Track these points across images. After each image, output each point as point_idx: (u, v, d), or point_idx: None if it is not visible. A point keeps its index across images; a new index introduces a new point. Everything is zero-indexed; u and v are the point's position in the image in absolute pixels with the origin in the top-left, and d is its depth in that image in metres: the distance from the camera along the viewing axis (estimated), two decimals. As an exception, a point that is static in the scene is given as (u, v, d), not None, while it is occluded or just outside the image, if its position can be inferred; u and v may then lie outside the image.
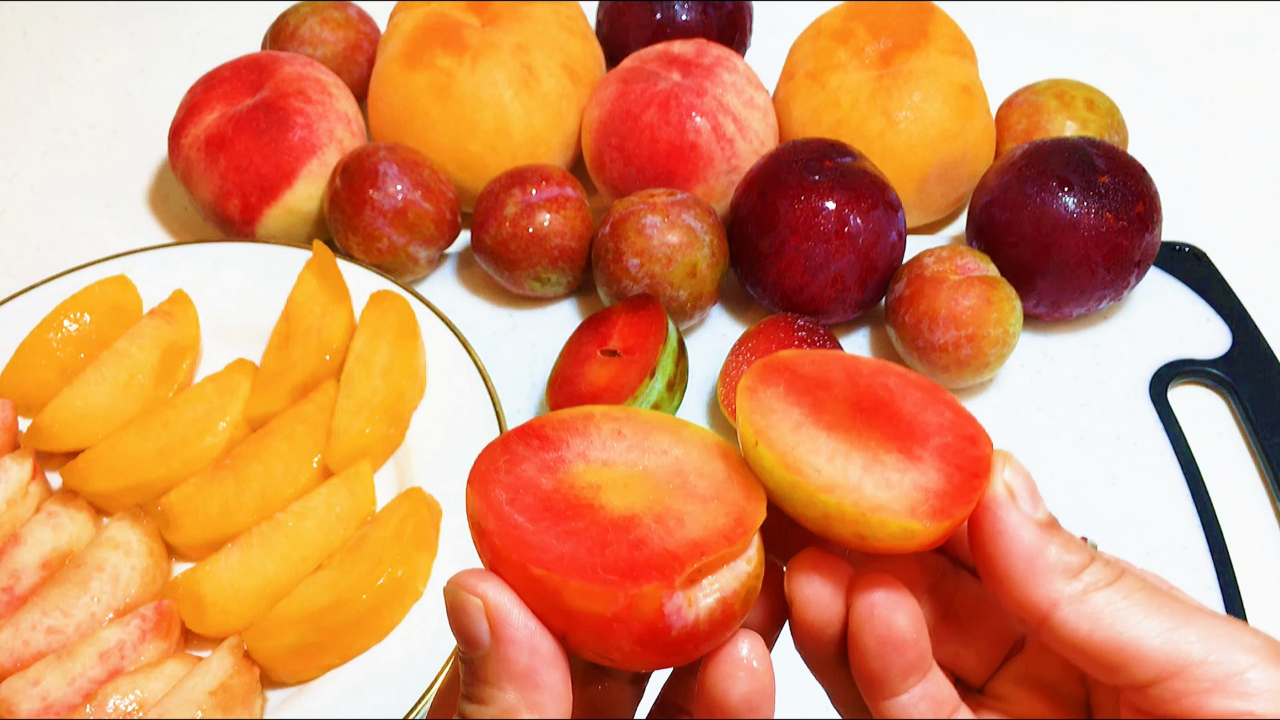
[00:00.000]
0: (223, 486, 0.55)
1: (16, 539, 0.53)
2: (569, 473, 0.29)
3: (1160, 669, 0.26)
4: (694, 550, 0.26)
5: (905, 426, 0.29)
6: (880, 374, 0.31)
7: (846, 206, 0.60)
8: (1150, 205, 0.61)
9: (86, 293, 0.62)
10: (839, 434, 0.29)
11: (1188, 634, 0.26)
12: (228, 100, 0.67)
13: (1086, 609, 0.27)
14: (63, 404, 0.57)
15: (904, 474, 0.28)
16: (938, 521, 0.27)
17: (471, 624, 0.26)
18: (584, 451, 0.29)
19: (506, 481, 0.28)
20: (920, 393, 0.31)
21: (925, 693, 0.29)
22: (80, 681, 0.48)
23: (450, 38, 0.67)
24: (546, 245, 0.63)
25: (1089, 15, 0.90)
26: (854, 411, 0.30)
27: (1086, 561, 0.28)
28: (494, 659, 0.26)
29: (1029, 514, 0.28)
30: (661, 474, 0.29)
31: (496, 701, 0.26)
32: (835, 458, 0.28)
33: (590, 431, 0.30)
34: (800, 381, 0.30)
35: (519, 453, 0.29)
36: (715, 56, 0.67)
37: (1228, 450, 0.61)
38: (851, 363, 0.31)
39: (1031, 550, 0.27)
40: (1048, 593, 0.27)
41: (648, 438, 0.30)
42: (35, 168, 0.78)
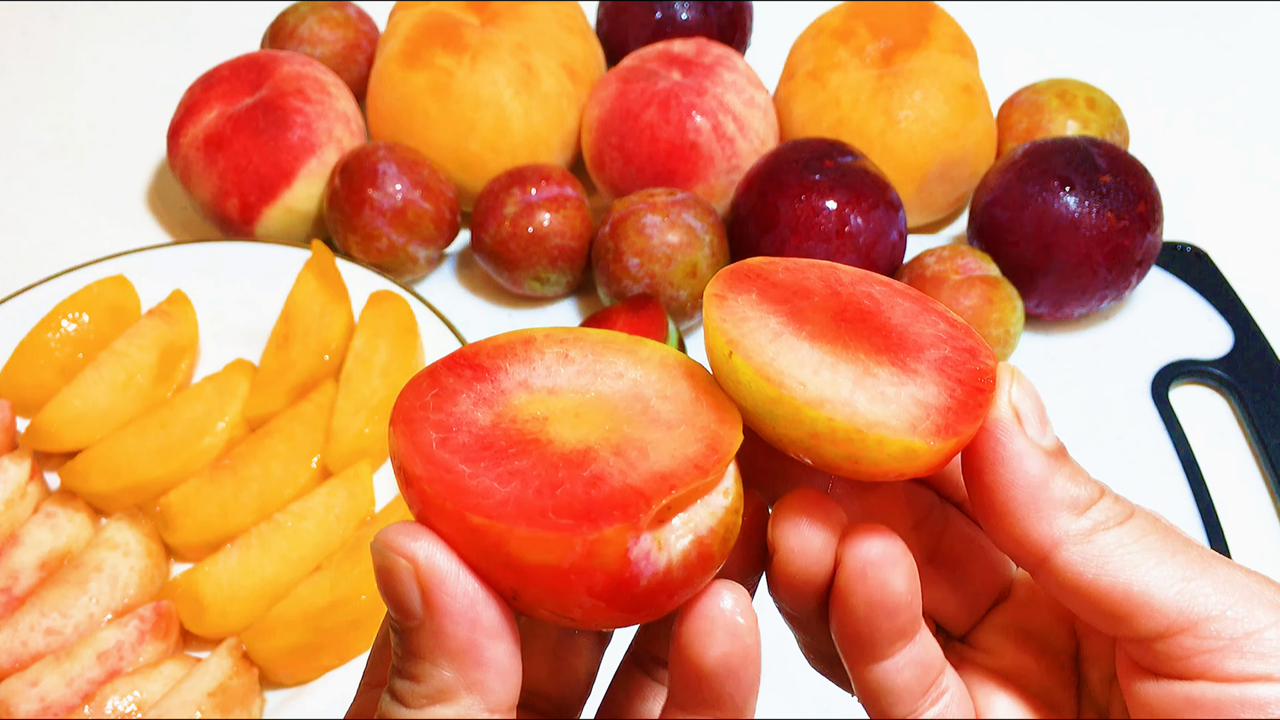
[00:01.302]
0: (221, 487, 0.54)
1: (15, 539, 0.52)
2: (509, 405, 0.24)
3: (1170, 622, 0.23)
4: (661, 483, 0.22)
5: (897, 338, 0.25)
6: (863, 282, 0.27)
7: (847, 206, 0.60)
8: (1152, 205, 0.61)
9: (85, 292, 0.62)
10: (823, 344, 0.25)
11: (1203, 585, 0.23)
12: (227, 99, 0.67)
13: (1092, 550, 0.24)
14: (61, 404, 0.57)
15: (900, 388, 0.24)
16: (943, 439, 0.23)
17: (402, 590, 0.22)
18: (525, 380, 0.25)
19: (436, 419, 0.23)
20: (910, 302, 0.27)
21: (911, 658, 0.26)
22: (79, 682, 0.48)
23: (450, 37, 0.67)
24: (546, 245, 0.63)
25: (1090, 15, 0.90)
26: (837, 321, 0.25)
27: (1095, 496, 0.25)
28: (428, 632, 0.22)
29: (1035, 440, 0.24)
30: (618, 400, 0.24)
31: (430, 680, 0.22)
32: (821, 370, 0.24)
33: (531, 356, 0.25)
34: (775, 289, 0.26)
35: (449, 385, 0.24)
36: (715, 56, 0.67)
37: (1229, 450, 0.61)
38: (829, 270, 0.27)
39: (1035, 481, 0.24)
40: (1050, 530, 0.24)
41: (599, 360, 0.25)
42: (34, 167, 0.78)
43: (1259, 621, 0.23)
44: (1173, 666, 0.24)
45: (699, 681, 0.23)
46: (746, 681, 0.23)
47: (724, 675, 0.23)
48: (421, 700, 0.22)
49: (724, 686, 0.23)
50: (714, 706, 0.23)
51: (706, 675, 0.23)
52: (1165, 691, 0.24)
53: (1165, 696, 0.24)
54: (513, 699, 0.23)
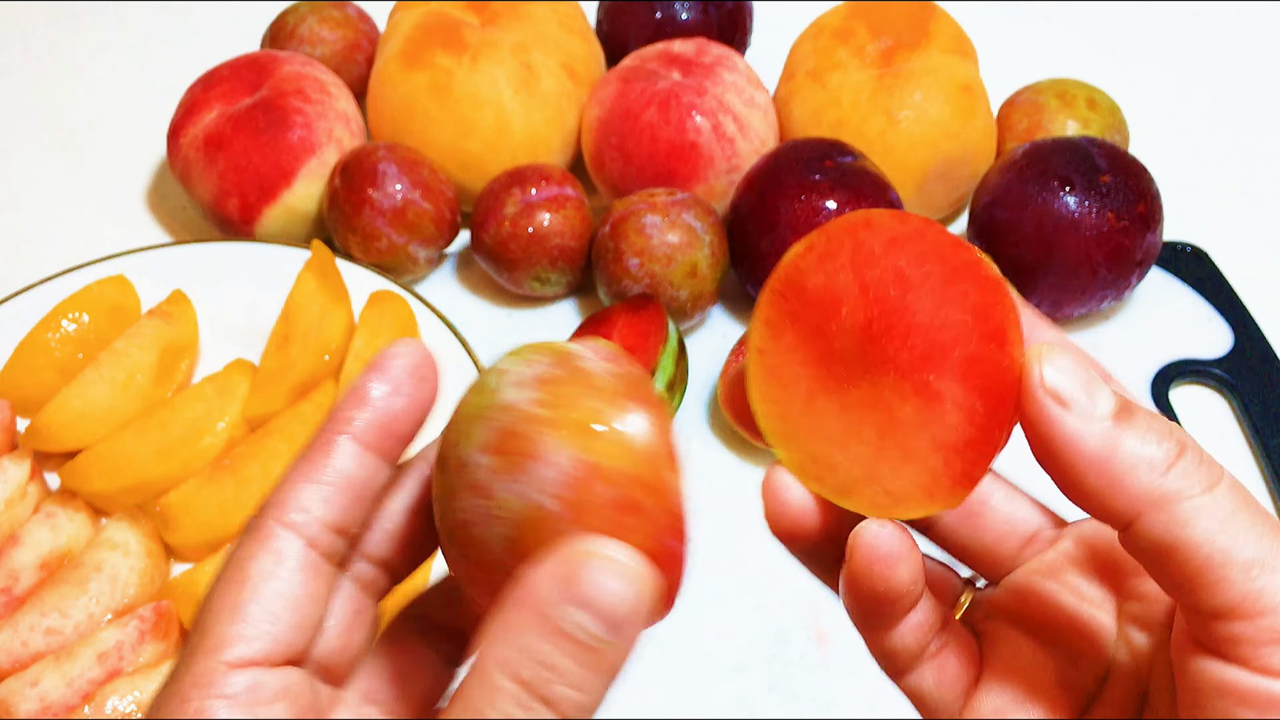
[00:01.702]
0: (222, 487, 0.54)
1: (15, 539, 0.52)
2: None
3: (1234, 604, 0.23)
4: None
5: (924, 343, 0.26)
6: (893, 248, 0.26)
7: (847, 206, 0.60)
8: (1152, 205, 0.61)
9: (85, 292, 0.62)
10: (852, 393, 0.26)
11: (1276, 578, 0.23)
12: (226, 99, 0.67)
13: (1178, 518, 0.23)
14: (61, 404, 0.57)
15: (923, 431, 0.25)
16: (965, 485, 0.25)
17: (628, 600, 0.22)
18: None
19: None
20: (940, 266, 0.26)
21: (913, 623, 0.28)
22: (79, 682, 0.48)
23: (450, 37, 0.67)
24: (546, 245, 0.63)
25: (1090, 14, 0.90)
26: (867, 344, 0.26)
27: (1173, 455, 0.24)
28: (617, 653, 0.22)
29: (1086, 413, 0.24)
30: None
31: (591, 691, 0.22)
32: (849, 443, 0.26)
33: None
34: (808, 311, 0.27)
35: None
36: (715, 56, 0.67)
37: (1229, 450, 0.61)
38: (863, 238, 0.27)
39: (1100, 456, 0.23)
40: (1130, 500, 0.23)
41: None
42: (33, 167, 0.78)
43: None
44: (1220, 646, 0.23)
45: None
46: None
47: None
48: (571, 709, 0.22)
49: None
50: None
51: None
52: (1203, 668, 0.24)
53: (1202, 672, 0.24)
54: None
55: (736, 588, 0.54)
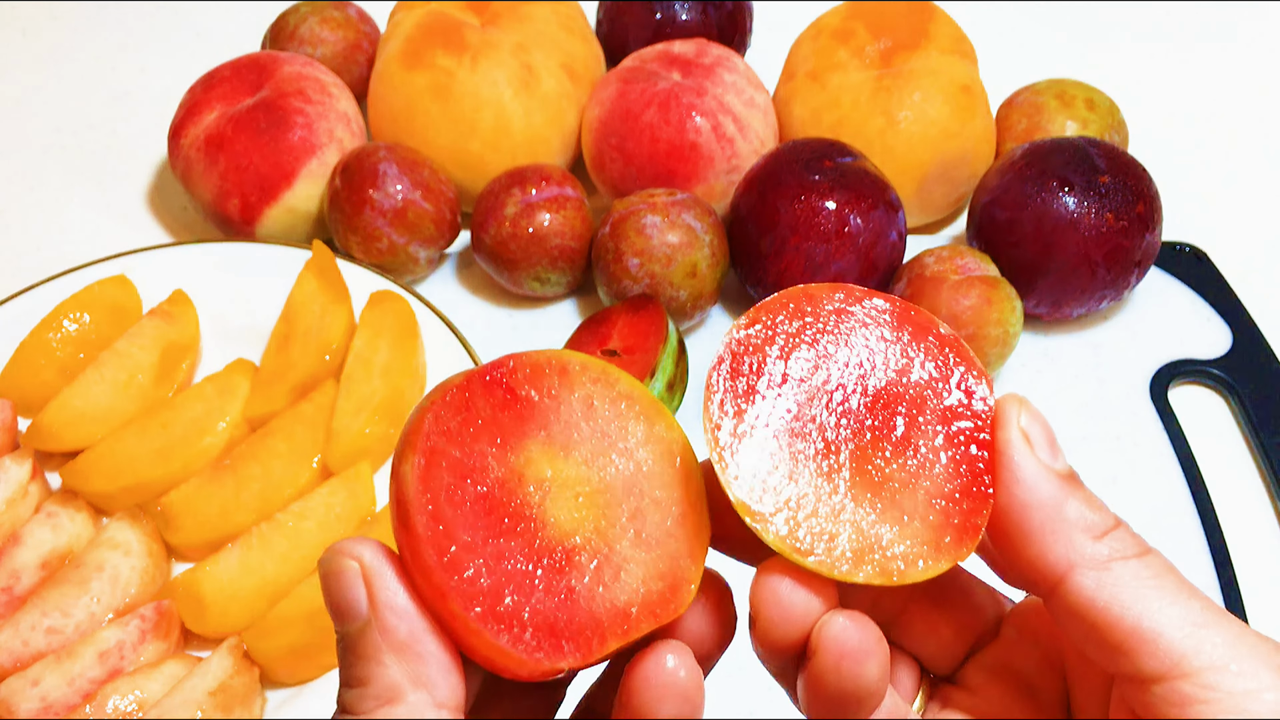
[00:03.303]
0: (222, 487, 0.54)
1: (16, 539, 0.52)
2: (523, 456, 0.25)
3: (1173, 665, 0.23)
4: (619, 624, 0.24)
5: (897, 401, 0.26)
6: (845, 316, 0.27)
7: (847, 206, 0.60)
8: (1151, 205, 0.61)
9: (86, 293, 0.62)
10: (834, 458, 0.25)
11: (1213, 635, 0.23)
12: (227, 100, 0.67)
13: (1108, 578, 0.24)
14: (62, 404, 0.57)
15: (916, 488, 0.25)
16: (969, 544, 0.25)
17: (346, 589, 0.23)
18: (548, 423, 0.26)
19: (455, 457, 0.24)
20: (894, 333, 0.27)
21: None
22: (80, 682, 0.48)
23: (450, 37, 0.67)
24: (546, 245, 0.63)
25: (1089, 15, 0.90)
26: (843, 409, 0.26)
27: (1111, 525, 0.25)
28: (372, 629, 0.23)
29: (1048, 463, 0.25)
30: (619, 487, 0.26)
31: (377, 680, 0.23)
32: (840, 510, 0.25)
33: (562, 394, 0.26)
34: (770, 388, 0.26)
35: (478, 411, 0.25)
36: (715, 56, 0.67)
37: (1228, 450, 0.61)
38: (814, 305, 0.27)
39: (1050, 503, 0.24)
40: (1066, 552, 0.24)
41: (617, 422, 0.26)
42: (35, 167, 0.78)
43: (1261, 681, 0.23)
44: (1166, 713, 0.23)
45: None
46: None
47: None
48: (370, 703, 0.23)
49: None
50: None
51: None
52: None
53: None
54: (459, 698, 0.24)
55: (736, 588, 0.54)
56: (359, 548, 0.24)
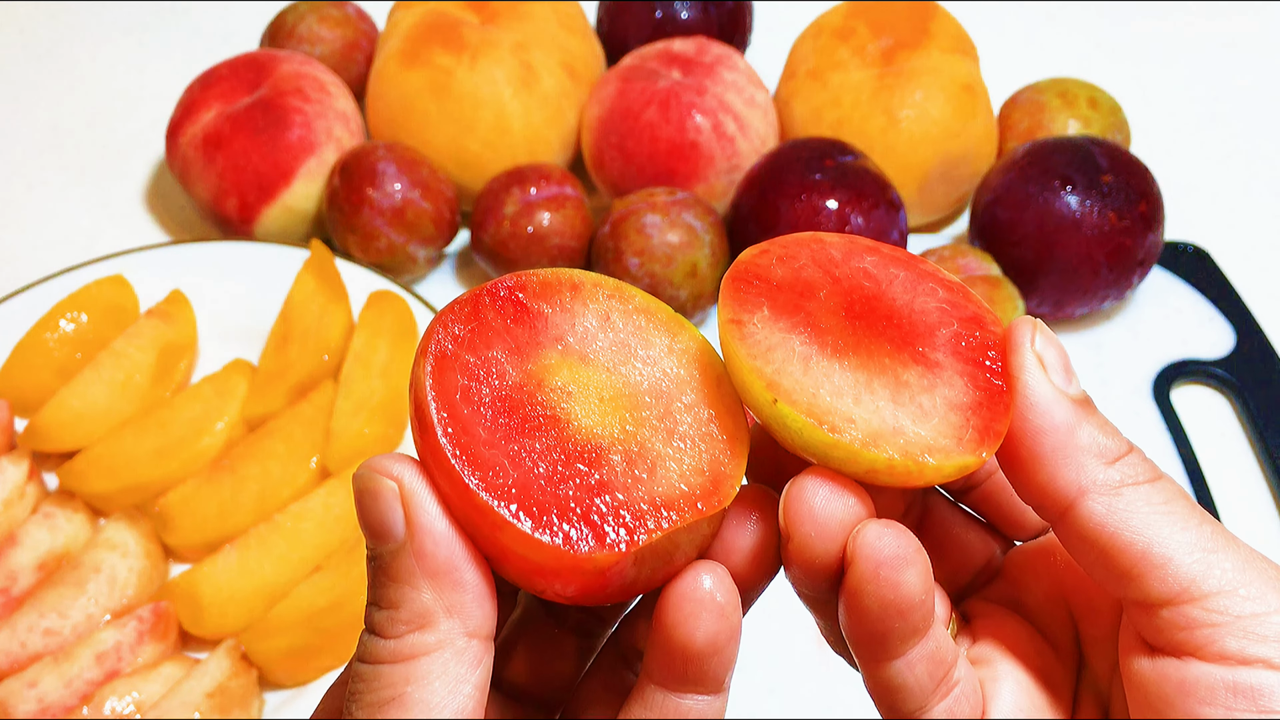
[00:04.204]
0: (220, 487, 0.54)
1: (13, 540, 0.52)
2: (540, 363, 0.24)
3: (1182, 588, 0.23)
4: (660, 515, 0.23)
5: (908, 324, 0.26)
6: (854, 255, 0.27)
7: (848, 205, 0.60)
8: (1153, 204, 0.61)
9: (83, 292, 0.62)
10: (850, 358, 0.25)
11: (1223, 559, 0.23)
12: (225, 99, 0.67)
13: (1119, 503, 0.23)
14: (59, 404, 0.57)
15: (933, 393, 0.24)
16: (990, 445, 0.24)
17: (384, 510, 0.23)
18: (563, 335, 0.25)
19: (466, 362, 0.23)
20: (902, 270, 0.27)
21: (925, 653, 0.24)
22: (77, 683, 0.48)
23: (449, 36, 0.67)
24: (546, 244, 0.63)
25: (1091, 14, 0.89)
26: (851, 321, 0.25)
27: (1123, 450, 0.24)
28: (407, 552, 0.22)
29: (1061, 387, 0.24)
30: (644, 392, 0.25)
31: (409, 604, 0.23)
32: (862, 396, 0.24)
33: (574, 308, 0.25)
34: (781, 294, 0.25)
35: (488, 321, 0.24)
36: (716, 55, 0.67)
37: (1231, 450, 0.60)
38: (818, 248, 0.27)
39: (1063, 427, 0.24)
40: (1077, 477, 0.24)
41: (638, 334, 0.26)
42: (32, 166, 0.78)
43: (1269, 604, 0.22)
44: (1173, 638, 0.23)
45: (685, 661, 0.23)
46: (730, 657, 0.23)
47: (710, 654, 0.23)
48: (400, 627, 0.23)
49: (709, 664, 0.23)
50: (697, 683, 0.23)
51: (694, 654, 0.23)
52: (1159, 670, 0.23)
53: (1159, 675, 0.23)
54: (490, 627, 0.23)
55: (737, 588, 0.54)
56: (397, 466, 0.23)
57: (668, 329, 0.26)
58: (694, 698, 0.24)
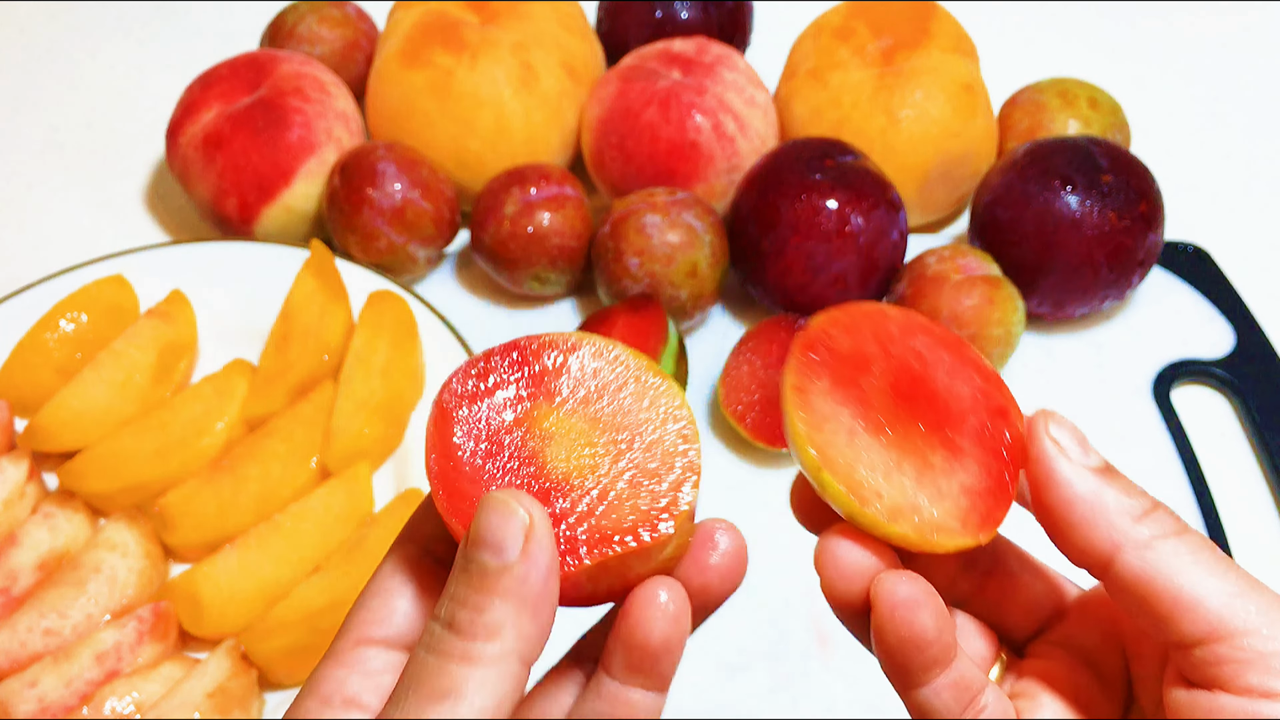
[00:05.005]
0: (220, 487, 0.54)
1: (13, 540, 0.52)
2: (528, 412, 0.29)
3: (1211, 629, 0.26)
4: (610, 541, 0.27)
5: (943, 408, 0.30)
6: (909, 333, 0.32)
7: (848, 205, 0.60)
8: (1153, 204, 0.61)
9: (83, 292, 0.62)
10: (888, 435, 0.30)
11: (1247, 603, 0.26)
12: (225, 99, 0.67)
13: (1151, 555, 0.27)
14: (59, 404, 0.57)
15: (951, 477, 0.29)
16: (988, 531, 0.28)
17: (509, 530, 0.26)
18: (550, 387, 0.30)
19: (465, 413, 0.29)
20: (949, 354, 0.31)
21: (948, 682, 0.28)
22: (77, 683, 0.48)
23: (449, 36, 0.67)
24: (546, 244, 0.63)
25: (1092, 14, 0.89)
26: (896, 399, 0.30)
27: (1150, 507, 0.28)
28: (515, 575, 0.25)
29: (1081, 462, 0.28)
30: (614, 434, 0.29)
31: (492, 613, 0.25)
32: (891, 473, 0.29)
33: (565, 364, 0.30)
34: (841, 366, 0.30)
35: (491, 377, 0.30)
36: (716, 55, 0.67)
37: (1231, 451, 0.60)
38: (880, 321, 0.32)
39: (1090, 495, 0.28)
40: (1111, 536, 0.27)
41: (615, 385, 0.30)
42: (32, 166, 0.78)
43: None
44: (1204, 673, 0.26)
45: (641, 655, 0.27)
46: (675, 659, 0.28)
47: (663, 651, 0.27)
48: (478, 629, 0.25)
49: (660, 661, 0.27)
50: (647, 676, 0.27)
51: (650, 650, 0.27)
52: (1192, 700, 0.27)
53: (1192, 705, 0.27)
54: (536, 659, 0.26)
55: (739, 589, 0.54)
56: (533, 505, 0.26)
57: (639, 378, 0.30)
58: (641, 692, 0.28)
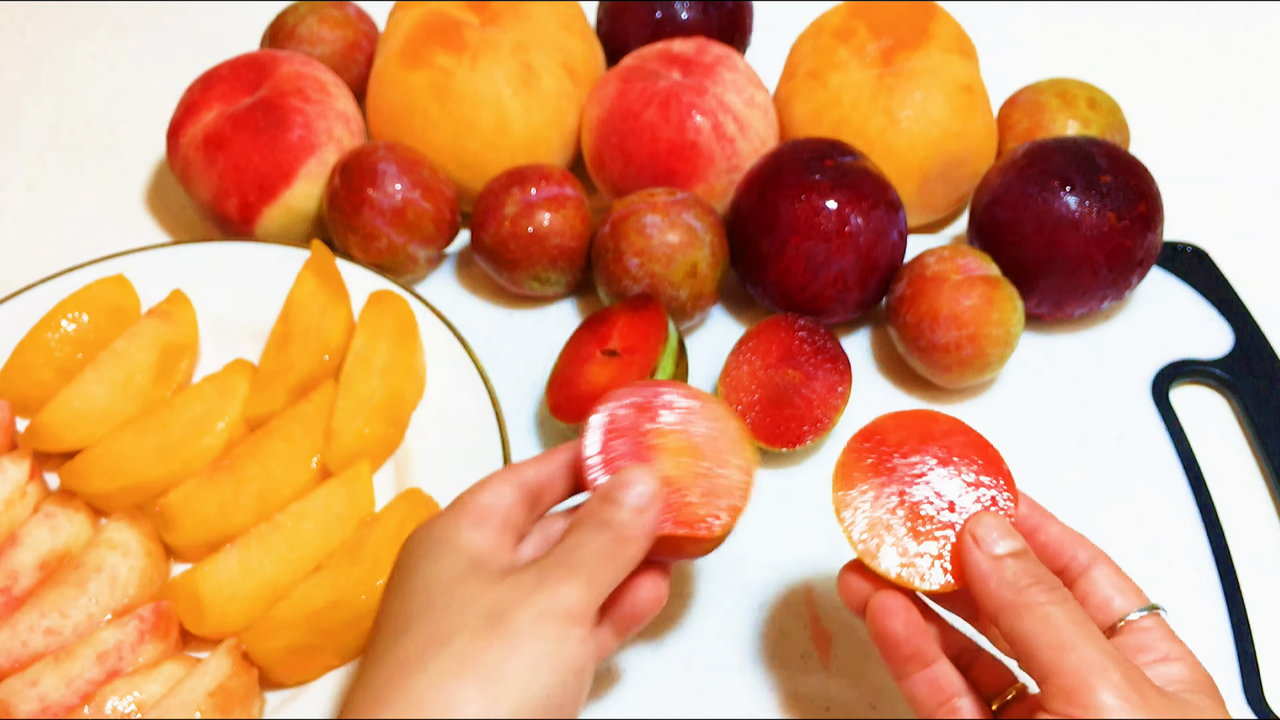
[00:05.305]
0: (221, 487, 0.54)
1: (14, 540, 0.52)
2: (651, 431, 0.45)
3: (1042, 673, 0.37)
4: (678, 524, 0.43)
5: (948, 503, 0.42)
6: (949, 434, 0.44)
7: (847, 206, 0.60)
8: (1152, 205, 0.61)
9: (84, 292, 0.62)
10: (908, 518, 0.42)
11: (1071, 655, 0.36)
12: (226, 99, 0.67)
13: (1017, 619, 0.38)
14: (60, 404, 0.57)
15: (940, 544, 0.41)
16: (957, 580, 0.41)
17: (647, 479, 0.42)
18: (663, 419, 0.46)
19: (613, 429, 0.45)
20: (974, 452, 0.43)
21: (925, 678, 0.40)
22: (78, 683, 0.48)
23: (449, 36, 0.67)
24: (546, 245, 0.63)
25: (1091, 14, 0.90)
26: (913, 476, 0.43)
27: (1029, 582, 0.38)
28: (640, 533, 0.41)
29: (989, 550, 0.40)
30: (700, 452, 0.45)
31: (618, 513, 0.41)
32: (909, 546, 0.41)
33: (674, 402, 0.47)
34: (879, 452, 0.44)
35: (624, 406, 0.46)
36: (716, 55, 0.67)
37: (1230, 451, 0.61)
38: (929, 423, 0.44)
39: (987, 573, 0.39)
40: (994, 602, 0.39)
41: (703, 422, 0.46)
42: (32, 167, 0.78)
43: (1090, 689, 0.35)
44: (1041, 702, 0.37)
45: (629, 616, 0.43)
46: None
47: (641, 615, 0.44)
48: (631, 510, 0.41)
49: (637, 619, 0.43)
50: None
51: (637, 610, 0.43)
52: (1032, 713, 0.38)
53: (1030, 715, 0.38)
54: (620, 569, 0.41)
55: (737, 588, 0.54)
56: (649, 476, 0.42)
57: (716, 411, 0.47)
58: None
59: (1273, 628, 0.53)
